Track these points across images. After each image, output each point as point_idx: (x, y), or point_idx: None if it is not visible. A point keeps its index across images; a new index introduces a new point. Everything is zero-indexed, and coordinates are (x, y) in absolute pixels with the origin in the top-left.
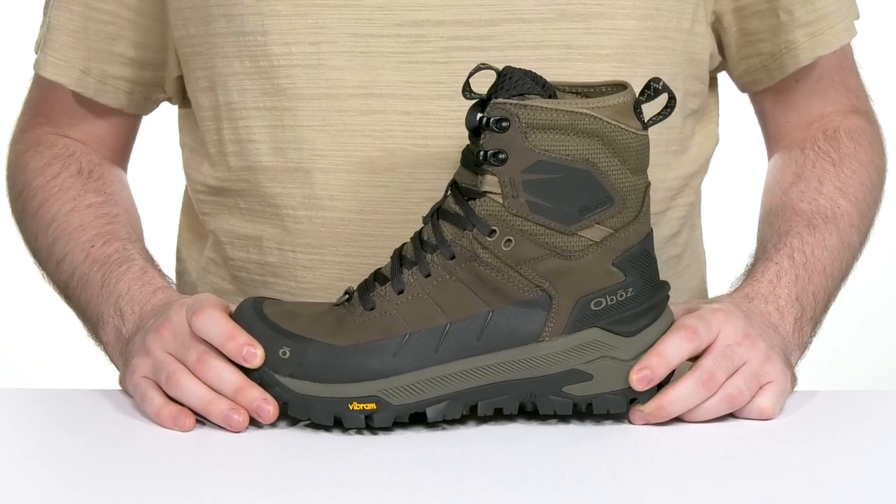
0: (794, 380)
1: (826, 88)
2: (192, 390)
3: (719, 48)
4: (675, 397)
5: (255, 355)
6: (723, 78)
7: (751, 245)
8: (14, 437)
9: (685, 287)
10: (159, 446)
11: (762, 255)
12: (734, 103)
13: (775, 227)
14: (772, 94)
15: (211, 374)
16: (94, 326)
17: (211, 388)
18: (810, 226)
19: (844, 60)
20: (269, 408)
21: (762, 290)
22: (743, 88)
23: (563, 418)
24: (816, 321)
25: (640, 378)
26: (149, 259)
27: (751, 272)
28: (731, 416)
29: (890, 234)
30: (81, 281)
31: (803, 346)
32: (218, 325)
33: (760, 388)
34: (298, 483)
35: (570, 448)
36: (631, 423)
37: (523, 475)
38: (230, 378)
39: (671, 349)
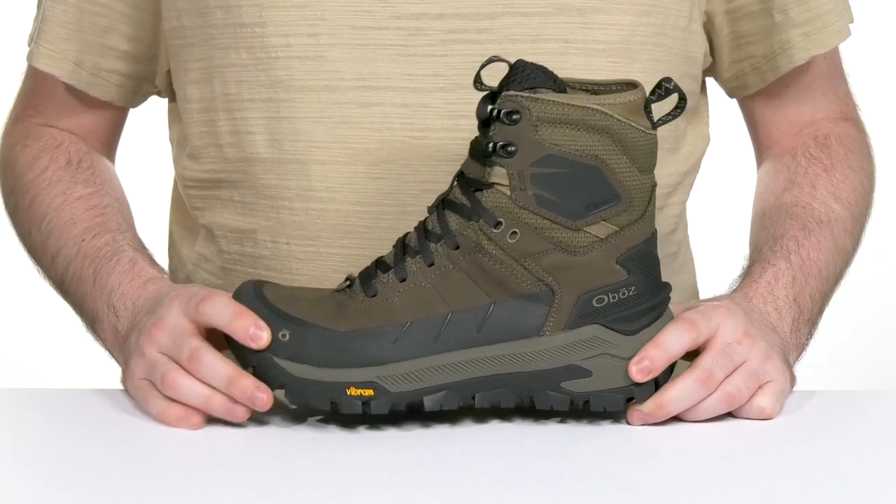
0: (793, 380)
1: (815, 94)
2: (190, 388)
3: (710, 50)
4: (674, 396)
5: (261, 336)
6: (711, 80)
7: (738, 247)
8: (14, 437)
9: (680, 285)
10: (159, 446)
11: (758, 257)
12: (723, 106)
13: (770, 231)
14: (761, 98)
15: (204, 369)
16: (90, 322)
17: (205, 383)
18: (805, 229)
19: (834, 67)
20: (263, 396)
21: (760, 290)
22: (731, 93)
23: (562, 418)
24: (813, 323)
25: (639, 369)
26: (139, 248)
27: (748, 273)
28: (731, 415)
29: (883, 238)
30: (75, 276)
31: (800, 348)
32: (226, 308)
33: (760, 387)
34: (298, 483)
35: (570, 448)
36: (629, 423)
37: (523, 475)
38: (222, 370)
39: (670, 340)
